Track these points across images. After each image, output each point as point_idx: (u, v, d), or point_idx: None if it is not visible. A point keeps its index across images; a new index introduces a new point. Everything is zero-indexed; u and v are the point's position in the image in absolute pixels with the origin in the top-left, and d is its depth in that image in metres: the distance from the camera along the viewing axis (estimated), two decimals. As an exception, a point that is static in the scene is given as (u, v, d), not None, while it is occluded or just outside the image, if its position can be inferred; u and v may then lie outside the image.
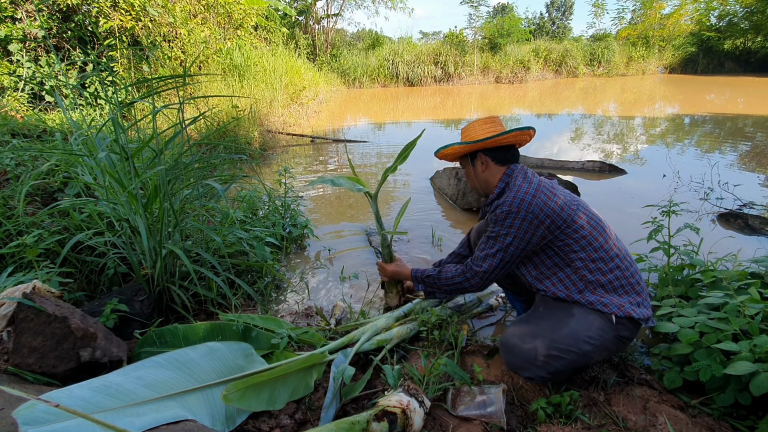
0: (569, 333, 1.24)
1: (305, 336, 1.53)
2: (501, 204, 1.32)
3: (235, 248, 2.04)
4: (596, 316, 1.25)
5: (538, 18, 34.97)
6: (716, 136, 5.94)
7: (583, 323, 1.24)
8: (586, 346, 1.22)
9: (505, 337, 1.35)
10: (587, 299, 1.26)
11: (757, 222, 2.82)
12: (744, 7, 17.70)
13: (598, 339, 1.23)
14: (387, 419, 1.08)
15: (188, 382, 1.14)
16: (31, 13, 5.37)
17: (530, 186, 1.32)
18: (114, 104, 1.70)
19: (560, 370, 1.25)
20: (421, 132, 1.73)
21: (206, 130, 4.37)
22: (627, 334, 1.27)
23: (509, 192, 1.33)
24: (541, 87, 14.23)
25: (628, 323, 1.25)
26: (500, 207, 1.32)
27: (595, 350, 1.24)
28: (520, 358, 1.29)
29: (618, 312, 1.23)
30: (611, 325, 1.24)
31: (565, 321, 1.26)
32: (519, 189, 1.32)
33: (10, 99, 4.61)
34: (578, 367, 1.28)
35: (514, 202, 1.29)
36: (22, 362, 1.11)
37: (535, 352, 1.25)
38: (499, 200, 1.35)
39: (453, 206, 3.45)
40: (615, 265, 1.28)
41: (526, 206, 1.27)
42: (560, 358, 1.23)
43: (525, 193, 1.30)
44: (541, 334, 1.27)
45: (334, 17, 15.94)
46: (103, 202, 1.72)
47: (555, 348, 1.23)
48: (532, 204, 1.27)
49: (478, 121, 1.45)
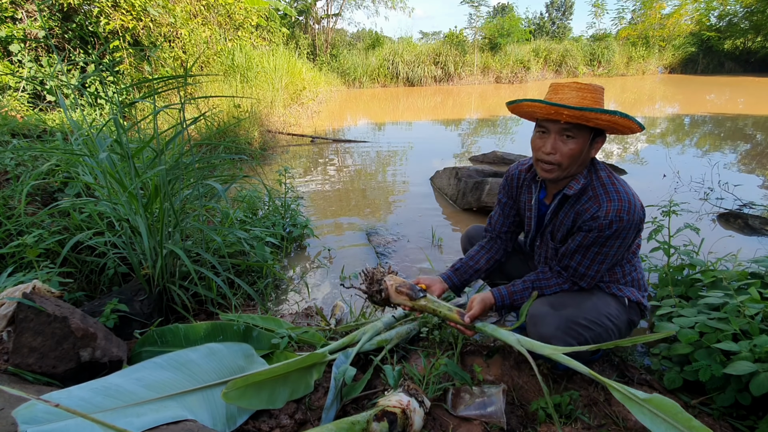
0: (593, 307, 1.27)
1: (305, 336, 1.53)
2: (615, 211, 1.17)
3: (235, 248, 2.04)
4: (612, 298, 1.32)
5: (538, 18, 34.95)
6: (716, 136, 5.94)
7: (604, 301, 1.30)
8: (607, 321, 1.26)
9: (534, 307, 1.30)
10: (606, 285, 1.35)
11: (757, 222, 2.82)
12: (744, 7, 17.71)
13: (616, 318, 1.28)
14: (387, 419, 1.08)
15: (188, 382, 1.14)
16: (32, 13, 5.37)
17: (626, 186, 1.23)
18: (115, 104, 1.70)
19: (587, 341, 1.23)
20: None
21: (207, 130, 4.37)
22: (636, 319, 1.36)
23: (612, 195, 1.19)
24: (541, 87, 14.22)
25: (636, 308, 1.35)
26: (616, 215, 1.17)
27: (615, 328, 1.27)
28: (550, 326, 1.23)
29: (631, 297, 1.32)
30: (624, 308, 1.32)
31: (588, 297, 1.31)
32: (623, 194, 1.19)
33: (10, 99, 4.61)
34: (600, 342, 1.24)
35: (631, 210, 1.17)
36: (22, 362, 1.11)
37: (566, 319, 1.23)
38: (597, 203, 1.20)
39: (453, 206, 3.45)
40: (634, 267, 1.36)
41: (639, 215, 1.19)
42: (589, 329, 1.23)
43: (633, 197, 1.20)
44: (568, 305, 1.27)
45: (334, 17, 15.95)
46: (104, 202, 1.72)
47: (583, 318, 1.24)
48: (640, 211, 1.20)
49: (599, 88, 1.18)
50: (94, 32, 5.73)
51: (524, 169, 1.42)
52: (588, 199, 1.23)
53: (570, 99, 1.15)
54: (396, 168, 4.81)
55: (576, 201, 1.27)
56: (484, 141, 6.11)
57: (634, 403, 0.97)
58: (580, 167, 1.24)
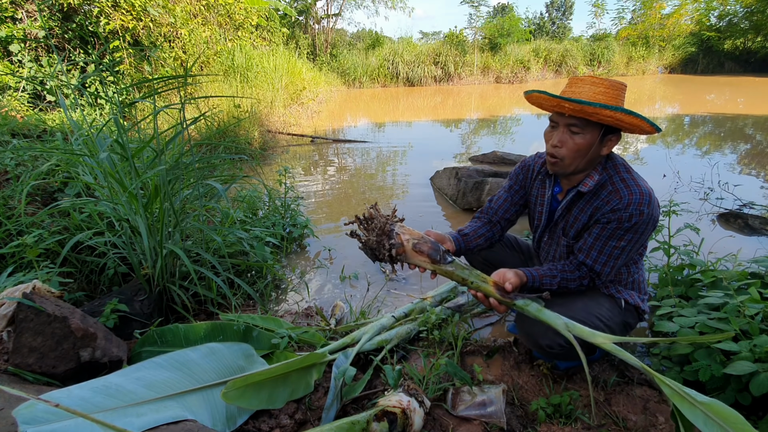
0: (583, 307, 1.26)
1: (305, 336, 1.53)
2: (636, 204, 1.16)
3: (235, 248, 2.04)
4: (606, 299, 1.31)
5: (538, 18, 34.97)
6: (716, 136, 5.93)
7: (595, 301, 1.29)
8: (598, 322, 1.24)
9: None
10: (605, 286, 1.33)
11: (757, 222, 2.82)
12: (744, 7, 17.70)
13: (608, 319, 1.26)
14: (387, 419, 1.08)
15: (188, 382, 1.14)
16: (32, 13, 5.38)
17: (645, 181, 1.21)
18: (115, 104, 1.70)
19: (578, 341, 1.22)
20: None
21: (207, 130, 4.37)
22: (632, 322, 1.34)
23: (632, 188, 1.17)
24: (541, 87, 14.21)
25: (634, 311, 1.33)
26: (636, 208, 1.15)
27: (606, 329, 1.25)
28: (537, 324, 1.20)
29: (629, 299, 1.31)
30: (620, 310, 1.30)
31: (579, 297, 1.30)
32: (644, 188, 1.18)
33: (10, 99, 4.61)
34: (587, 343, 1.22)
35: (651, 204, 1.16)
36: (22, 362, 1.11)
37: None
38: (618, 196, 1.18)
39: (453, 206, 3.45)
40: (638, 267, 1.34)
41: (657, 211, 1.18)
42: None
43: (653, 192, 1.18)
44: (557, 304, 1.24)
45: (334, 17, 15.94)
46: (104, 202, 1.72)
47: (571, 317, 1.20)
48: (658, 208, 1.19)
49: (619, 84, 1.16)
50: (94, 32, 5.73)
51: (542, 162, 1.40)
52: (608, 193, 1.21)
53: (583, 93, 1.13)
54: (396, 168, 4.81)
55: (594, 197, 1.24)
56: (484, 141, 6.11)
57: (688, 404, 0.89)
58: (589, 164, 1.21)
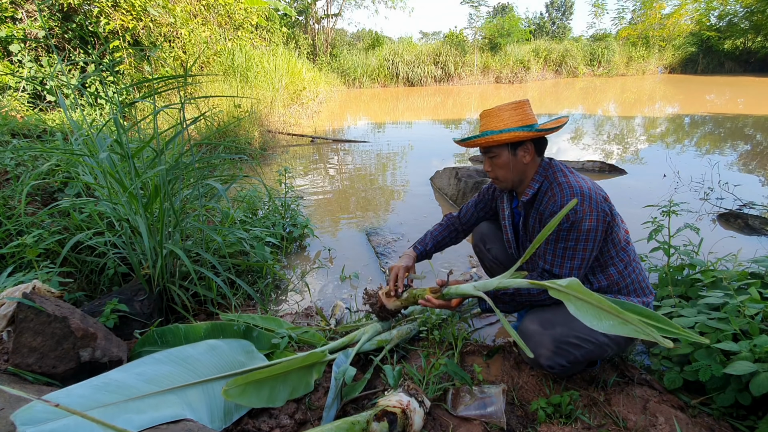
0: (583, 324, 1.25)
1: (305, 336, 1.54)
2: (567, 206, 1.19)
3: (235, 248, 2.04)
4: None
5: (538, 18, 34.91)
6: (716, 136, 5.93)
7: None
8: (601, 336, 1.23)
9: (524, 325, 1.32)
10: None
11: (757, 222, 2.82)
12: (744, 7, 17.69)
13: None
14: (387, 419, 1.08)
15: (189, 376, 1.15)
16: (32, 13, 5.38)
17: (584, 181, 1.26)
18: (115, 104, 1.70)
19: (579, 360, 1.24)
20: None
21: (207, 130, 4.37)
22: None
23: (565, 190, 1.23)
24: (541, 87, 14.22)
25: None
26: (571, 211, 1.20)
27: (610, 342, 1.25)
28: (539, 346, 1.25)
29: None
30: None
31: None
32: (577, 187, 1.22)
33: (10, 99, 4.61)
34: (594, 358, 1.28)
35: (586, 202, 1.20)
36: (22, 362, 1.11)
37: (556, 338, 1.24)
38: (553, 200, 1.25)
39: (453, 206, 3.45)
40: (633, 269, 1.32)
41: (597, 206, 1.20)
42: (579, 347, 1.23)
43: (589, 189, 1.21)
44: (559, 322, 1.25)
45: (334, 17, 15.95)
46: (104, 202, 1.72)
47: (574, 336, 1.23)
48: (601, 204, 1.21)
49: (509, 106, 1.28)
50: (94, 32, 5.73)
51: None
52: (548, 198, 1.28)
53: (490, 124, 1.29)
54: (396, 168, 4.81)
55: (539, 203, 1.32)
56: (484, 141, 6.10)
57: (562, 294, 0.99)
58: (522, 174, 1.33)
